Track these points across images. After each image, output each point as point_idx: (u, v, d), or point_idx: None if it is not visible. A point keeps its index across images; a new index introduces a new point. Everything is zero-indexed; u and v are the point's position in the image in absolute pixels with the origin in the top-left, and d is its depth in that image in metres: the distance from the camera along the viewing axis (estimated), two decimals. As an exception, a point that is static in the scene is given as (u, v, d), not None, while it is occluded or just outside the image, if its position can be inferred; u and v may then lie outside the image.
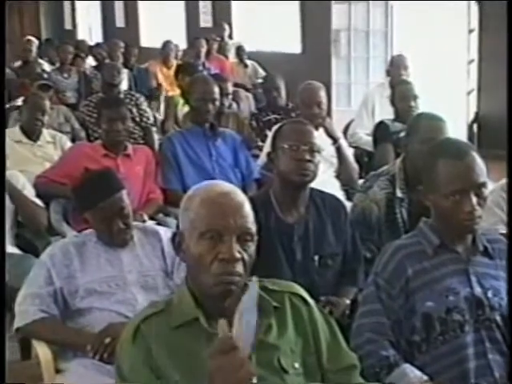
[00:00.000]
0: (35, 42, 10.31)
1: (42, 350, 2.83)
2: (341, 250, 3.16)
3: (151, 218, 4.29)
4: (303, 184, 3.08)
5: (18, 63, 9.96)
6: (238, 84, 8.58)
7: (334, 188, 4.43)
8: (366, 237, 3.35)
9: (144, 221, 4.01)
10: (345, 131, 6.26)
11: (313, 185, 3.16)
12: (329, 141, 4.77)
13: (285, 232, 3.05)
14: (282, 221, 3.07)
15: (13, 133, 5.19)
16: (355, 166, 4.92)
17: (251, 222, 1.94)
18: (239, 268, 1.89)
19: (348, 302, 3.05)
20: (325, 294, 3.01)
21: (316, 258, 3.09)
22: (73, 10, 17.37)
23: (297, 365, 1.98)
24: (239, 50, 10.10)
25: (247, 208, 1.95)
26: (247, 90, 8.65)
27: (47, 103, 5.27)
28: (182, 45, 11.68)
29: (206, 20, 12.89)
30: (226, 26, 11.37)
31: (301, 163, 3.02)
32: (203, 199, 1.93)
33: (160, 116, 7.53)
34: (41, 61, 9.87)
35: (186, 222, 1.94)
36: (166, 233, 3.15)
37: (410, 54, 6.80)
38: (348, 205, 3.59)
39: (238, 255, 1.88)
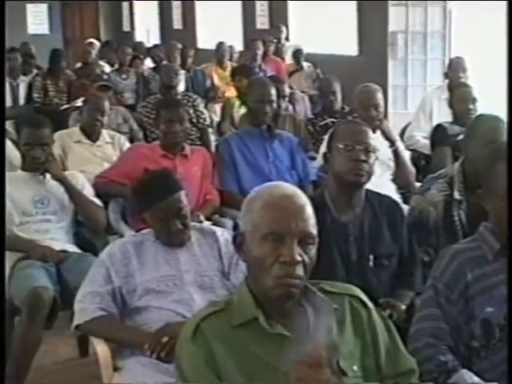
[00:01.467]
0: (97, 43, 10.47)
1: (100, 348, 2.87)
2: (397, 251, 3.14)
3: (207, 219, 4.31)
4: (358, 184, 3.06)
5: (78, 64, 10.13)
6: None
7: (390, 191, 4.40)
8: (423, 240, 3.32)
9: (200, 221, 4.04)
10: (401, 134, 6.21)
11: (369, 188, 3.15)
12: (386, 143, 4.74)
13: (340, 232, 3.04)
14: (337, 221, 3.06)
15: (73, 133, 5.28)
16: (412, 169, 4.88)
17: (312, 225, 1.94)
18: (299, 271, 1.89)
19: (404, 307, 3.03)
20: (380, 295, 2.99)
21: (371, 257, 3.07)
22: (131, 12, 17.55)
23: (355, 367, 1.97)
24: (297, 52, 10.09)
25: (309, 211, 1.95)
26: (303, 91, 8.64)
27: (107, 104, 5.34)
28: (239, 46, 11.72)
29: (262, 22, 12.90)
30: (283, 28, 11.36)
31: (356, 163, 3.00)
32: (266, 201, 1.93)
33: (216, 117, 7.57)
34: (101, 62, 10.01)
35: (248, 224, 1.95)
36: (222, 233, 3.17)
37: (469, 56, 6.72)
38: (405, 208, 3.56)
39: (298, 258, 1.88)
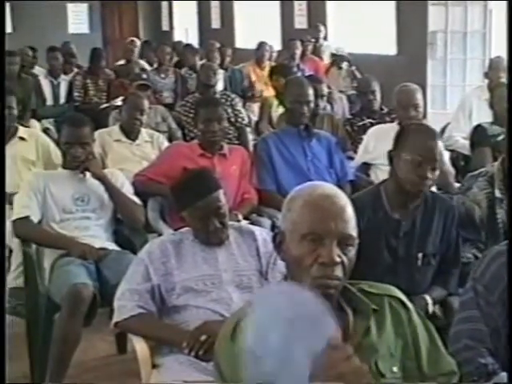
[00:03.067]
0: (138, 42, 10.52)
1: (139, 345, 2.88)
2: (444, 251, 3.17)
3: (245, 218, 4.32)
4: (418, 194, 3.09)
5: (121, 62, 10.20)
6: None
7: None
8: (472, 237, 3.31)
9: (238, 220, 4.05)
10: (441, 134, 6.16)
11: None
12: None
13: (390, 227, 3.07)
14: (389, 216, 3.09)
15: (112, 132, 5.31)
16: (451, 169, 4.85)
17: (352, 226, 1.93)
18: (338, 272, 1.89)
19: (429, 298, 3.06)
20: (423, 293, 3.04)
21: (419, 255, 3.12)
22: (170, 11, 17.64)
23: (395, 369, 1.96)
24: (337, 51, 10.06)
25: (349, 212, 1.93)
26: (341, 91, 8.62)
27: (146, 103, 5.37)
28: (277, 46, 11.72)
29: (300, 21, 12.89)
30: (321, 28, 11.34)
31: (421, 180, 3.03)
32: (306, 201, 1.93)
33: (254, 116, 7.58)
34: (141, 61, 10.07)
35: (288, 223, 1.95)
36: (261, 233, 3.18)
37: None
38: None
39: (337, 259, 1.88)
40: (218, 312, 2.88)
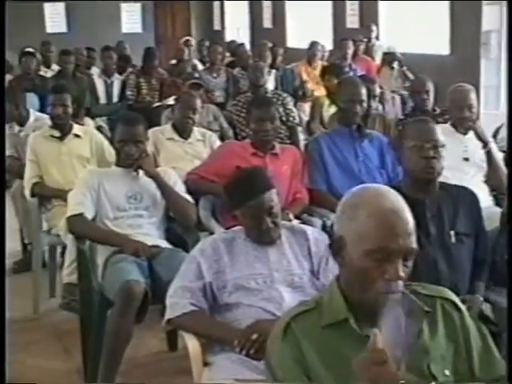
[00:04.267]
0: (193, 41, 10.59)
1: (190, 343, 2.90)
2: (473, 234, 3.27)
3: (296, 218, 4.32)
4: (430, 180, 3.25)
5: (173, 61, 10.27)
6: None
7: (483, 192, 4.33)
8: None
9: (290, 220, 4.05)
10: (495, 135, 6.08)
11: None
12: (479, 144, 4.67)
13: (416, 209, 3.08)
14: (413, 199, 3.11)
15: (165, 130, 5.35)
16: (505, 170, 4.78)
17: (414, 239, 1.92)
18: (401, 285, 1.89)
19: (481, 298, 3.06)
20: (461, 272, 3.17)
21: (452, 233, 3.21)
22: (222, 11, 17.70)
23: (447, 372, 1.94)
24: (389, 51, 10.00)
25: (412, 224, 1.92)
26: (393, 91, 8.56)
27: (198, 102, 5.40)
28: (329, 45, 11.69)
29: (352, 21, 12.83)
30: (373, 27, 11.28)
31: (426, 161, 3.21)
32: (372, 214, 1.90)
33: (305, 116, 7.57)
34: (194, 60, 10.14)
35: (351, 232, 1.93)
36: (312, 232, 3.18)
37: None
38: (497, 211, 3.52)
39: (402, 274, 1.88)
40: (270, 311, 2.89)
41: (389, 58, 9.78)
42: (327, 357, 1.91)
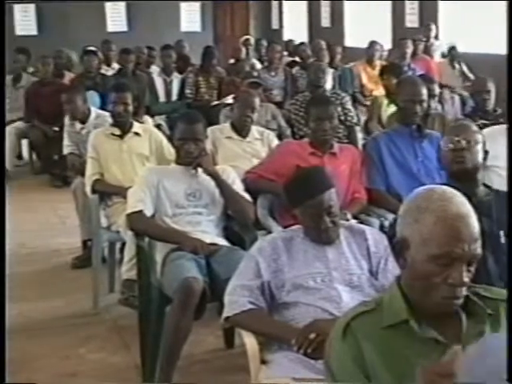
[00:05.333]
0: (252, 40, 10.60)
1: (248, 340, 2.90)
2: None
3: (354, 217, 4.30)
4: (461, 171, 3.32)
5: (231, 61, 10.32)
6: (443, 85, 8.41)
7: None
8: None
9: (348, 219, 4.03)
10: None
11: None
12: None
13: None
14: None
15: (224, 129, 5.37)
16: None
17: (479, 244, 1.89)
18: (464, 290, 1.87)
19: None
20: None
21: (501, 233, 3.17)
22: (280, 10, 17.72)
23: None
24: (452, 49, 9.89)
25: (477, 228, 1.89)
26: (452, 91, 8.47)
27: (257, 101, 5.40)
28: (387, 45, 11.60)
29: (412, 20, 12.70)
30: (433, 26, 11.16)
31: (456, 152, 3.34)
32: (439, 219, 1.87)
33: (363, 116, 7.54)
34: (252, 59, 10.17)
35: (415, 235, 1.91)
36: (371, 232, 3.16)
37: None
38: None
39: (466, 280, 1.86)
40: (328, 310, 2.88)
41: (451, 56, 9.67)
42: (387, 357, 1.90)
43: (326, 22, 15.70)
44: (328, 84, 7.88)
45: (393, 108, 6.05)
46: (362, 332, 1.93)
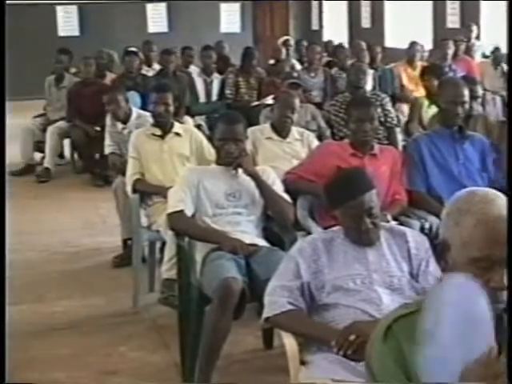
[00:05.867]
0: (292, 41, 10.59)
1: (288, 341, 2.90)
2: None
3: (394, 219, 4.28)
4: None
5: (271, 61, 10.33)
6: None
7: None
8: None
9: (388, 221, 4.02)
10: None
11: None
12: None
13: None
14: None
15: (264, 129, 5.38)
16: None
17: None
18: (505, 293, 1.84)
19: None
20: None
21: None
22: (320, 11, 17.70)
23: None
24: (496, 50, 9.79)
25: None
26: (494, 92, 8.38)
27: (297, 101, 5.41)
28: (428, 45, 11.53)
29: (453, 21, 12.62)
30: (474, 27, 11.07)
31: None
32: (480, 221, 1.85)
33: (403, 117, 7.50)
34: (292, 60, 10.16)
35: (456, 237, 1.89)
36: (412, 234, 3.15)
37: None
38: None
39: (506, 284, 1.84)
40: (368, 312, 2.87)
41: (495, 57, 9.57)
42: (429, 360, 1.89)
43: (366, 22, 15.66)
44: (368, 85, 7.85)
45: (433, 109, 6.02)
46: (403, 334, 1.92)
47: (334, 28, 16.96)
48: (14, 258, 5.76)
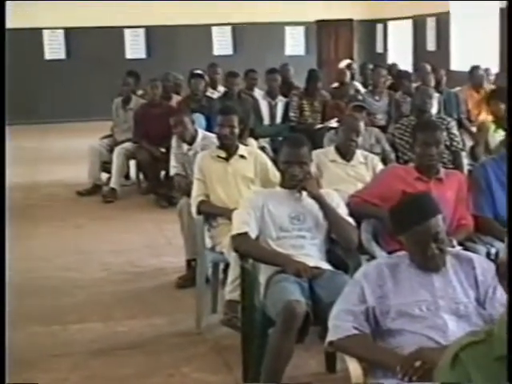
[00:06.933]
0: (355, 65, 10.59)
1: (352, 366, 2.89)
2: None
3: (459, 244, 4.23)
4: None
5: (335, 84, 10.35)
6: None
7: None
8: None
9: (453, 246, 3.97)
10: None
11: None
12: None
13: None
14: None
15: (328, 152, 5.40)
16: None
17: None
18: None
19: None
20: None
21: None
22: (385, 33, 17.66)
23: None
24: None
25: None
26: None
27: (362, 124, 5.41)
28: (495, 69, 11.40)
29: (522, 43, 12.46)
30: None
31: None
32: None
33: (469, 141, 7.43)
34: (356, 83, 10.15)
35: None
36: (479, 260, 3.11)
37: None
38: None
39: None
40: (433, 339, 2.85)
41: None
42: (498, 389, 1.87)
43: (431, 45, 15.55)
44: (433, 108, 7.80)
45: (500, 134, 5.95)
46: (471, 363, 1.90)
47: (399, 51, 16.90)
48: (79, 276, 5.88)
